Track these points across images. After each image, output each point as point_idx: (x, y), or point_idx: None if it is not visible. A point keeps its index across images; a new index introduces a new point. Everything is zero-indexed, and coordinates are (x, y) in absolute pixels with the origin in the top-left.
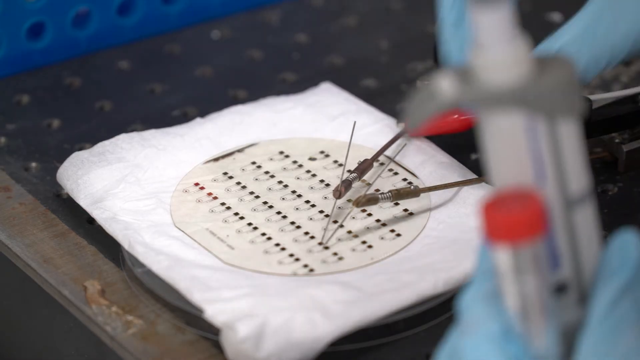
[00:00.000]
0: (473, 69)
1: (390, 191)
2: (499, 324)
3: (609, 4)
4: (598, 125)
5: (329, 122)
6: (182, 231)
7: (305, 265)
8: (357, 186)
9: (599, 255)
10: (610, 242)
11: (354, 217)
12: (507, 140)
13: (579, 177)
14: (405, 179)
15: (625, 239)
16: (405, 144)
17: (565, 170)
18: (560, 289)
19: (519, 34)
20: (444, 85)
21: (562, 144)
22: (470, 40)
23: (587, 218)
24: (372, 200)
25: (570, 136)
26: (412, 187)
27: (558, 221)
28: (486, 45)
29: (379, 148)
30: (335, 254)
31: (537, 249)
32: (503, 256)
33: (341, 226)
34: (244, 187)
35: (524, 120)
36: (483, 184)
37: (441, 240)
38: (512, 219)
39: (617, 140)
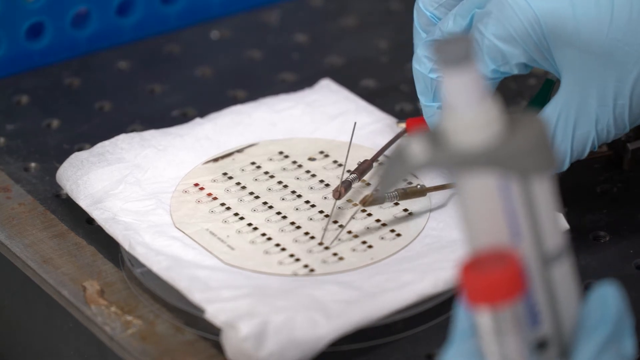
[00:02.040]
0: (444, 132)
1: (396, 190)
2: None
3: (566, 108)
4: None
5: (328, 122)
6: (182, 232)
7: (306, 266)
8: (357, 186)
9: (578, 310)
10: (589, 296)
11: (354, 218)
12: (481, 200)
13: (554, 233)
14: (404, 179)
15: (604, 293)
16: None
17: (541, 227)
18: (541, 346)
19: (489, 95)
20: (416, 149)
21: (536, 202)
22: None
23: (564, 273)
24: (379, 199)
25: (544, 193)
26: (418, 186)
27: (536, 279)
28: (456, 108)
29: (378, 148)
30: (335, 254)
31: (517, 309)
32: (483, 318)
33: (341, 226)
34: (243, 187)
35: (497, 181)
36: None
37: (441, 240)
38: (491, 282)
39: (622, 139)
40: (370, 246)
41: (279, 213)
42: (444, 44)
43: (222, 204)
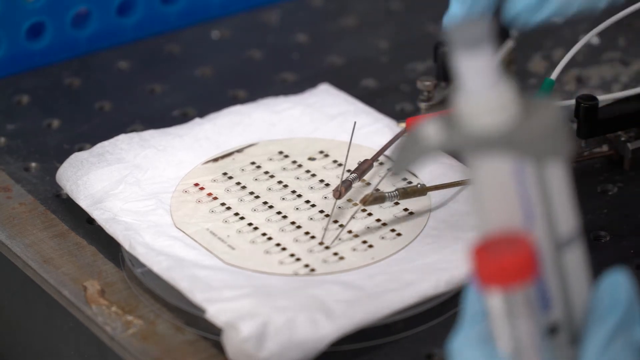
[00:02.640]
0: (459, 115)
1: (397, 189)
2: None
3: None
4: (604, 123)
5: (327, 122)
6: (183, 231)
7: (306, 265)
8: (357, 186)
9: (588, 296)
10: (600, 283)
11: (354, 217)
12: (495, 184)
13: (567, 218)
14: (405, 179)
15: (615, 280)
16: None
17: (554, 212)
18: (552, 330)
19: (504, 79)
20: (430, 131)
21: (550, 186)
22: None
23: (576, 259)
24: (379, 199)
25: (559, 178)
26: (419, 185)
27: (548, 263)
28: (471, 91)
29: (378, 148)
30: (336, 253)
31: (529, 292)
32: (495, 300)
33: (341, 226)
34: (243, 187)
35: (512, 164)
36: None
37: (442, 240)
38: (503, 264)
39: (623, 139)
40: (370, 246)
41: (279, 213)
42: (459, 27)
43: (223, 204)
